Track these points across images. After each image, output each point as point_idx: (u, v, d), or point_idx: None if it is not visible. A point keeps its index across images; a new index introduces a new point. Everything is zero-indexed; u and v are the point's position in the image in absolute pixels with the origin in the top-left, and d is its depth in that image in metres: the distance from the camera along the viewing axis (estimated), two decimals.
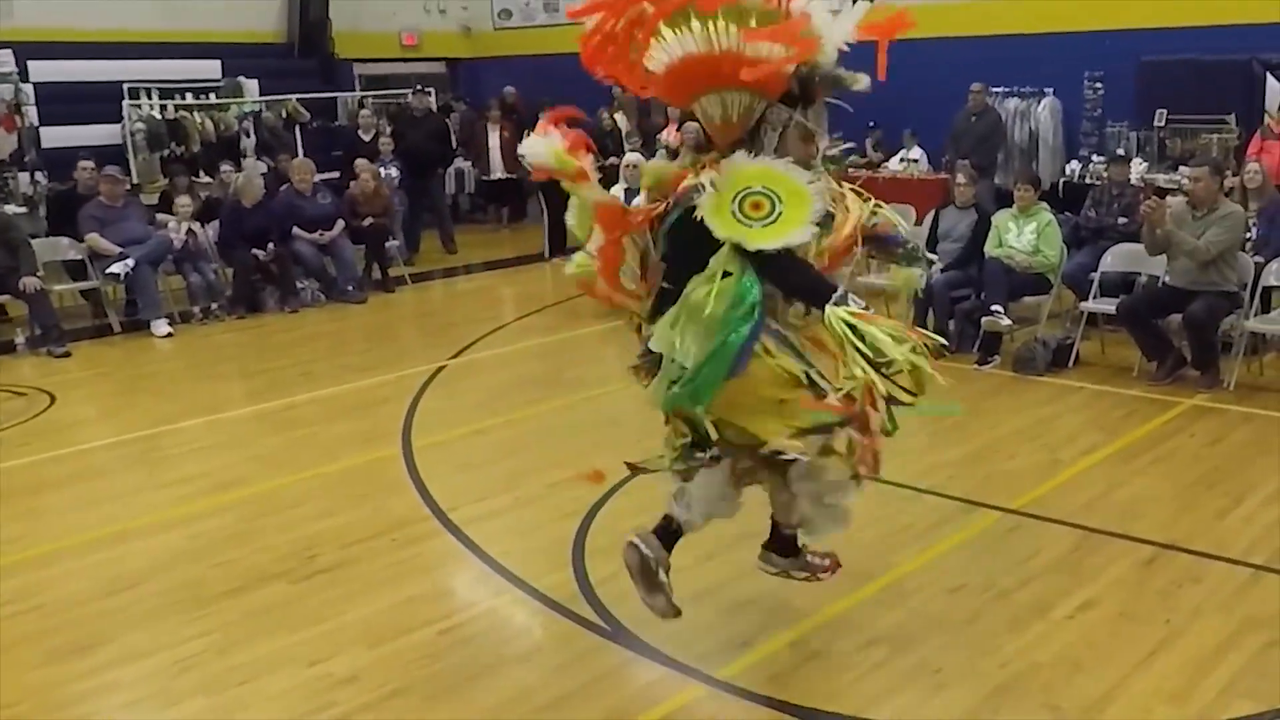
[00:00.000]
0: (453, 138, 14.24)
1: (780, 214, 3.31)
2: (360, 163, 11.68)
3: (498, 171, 14.36)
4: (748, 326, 3.31)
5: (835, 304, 3.31)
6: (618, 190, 8.48)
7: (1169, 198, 7.82)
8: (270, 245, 10.31)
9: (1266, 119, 9.97)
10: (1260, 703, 3.59)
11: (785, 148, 3.51)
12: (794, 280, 3.46)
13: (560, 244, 12.48)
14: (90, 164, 10.24)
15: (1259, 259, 7.28)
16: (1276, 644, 3.92)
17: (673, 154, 4.58)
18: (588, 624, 4.23)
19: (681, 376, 3.40)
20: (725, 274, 3.32)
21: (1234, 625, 4.06)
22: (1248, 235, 7.36)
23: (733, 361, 3.32)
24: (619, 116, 14.28)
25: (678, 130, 11.69)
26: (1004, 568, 4.59)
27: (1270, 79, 10.23)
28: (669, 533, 3.75)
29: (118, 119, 13.05)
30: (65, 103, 12.62)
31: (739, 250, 3.32)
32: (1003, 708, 3.62)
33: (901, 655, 3.91)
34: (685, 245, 3.44)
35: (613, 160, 11.71)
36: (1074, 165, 11.43)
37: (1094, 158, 11.16)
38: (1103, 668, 3.81)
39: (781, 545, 3.95)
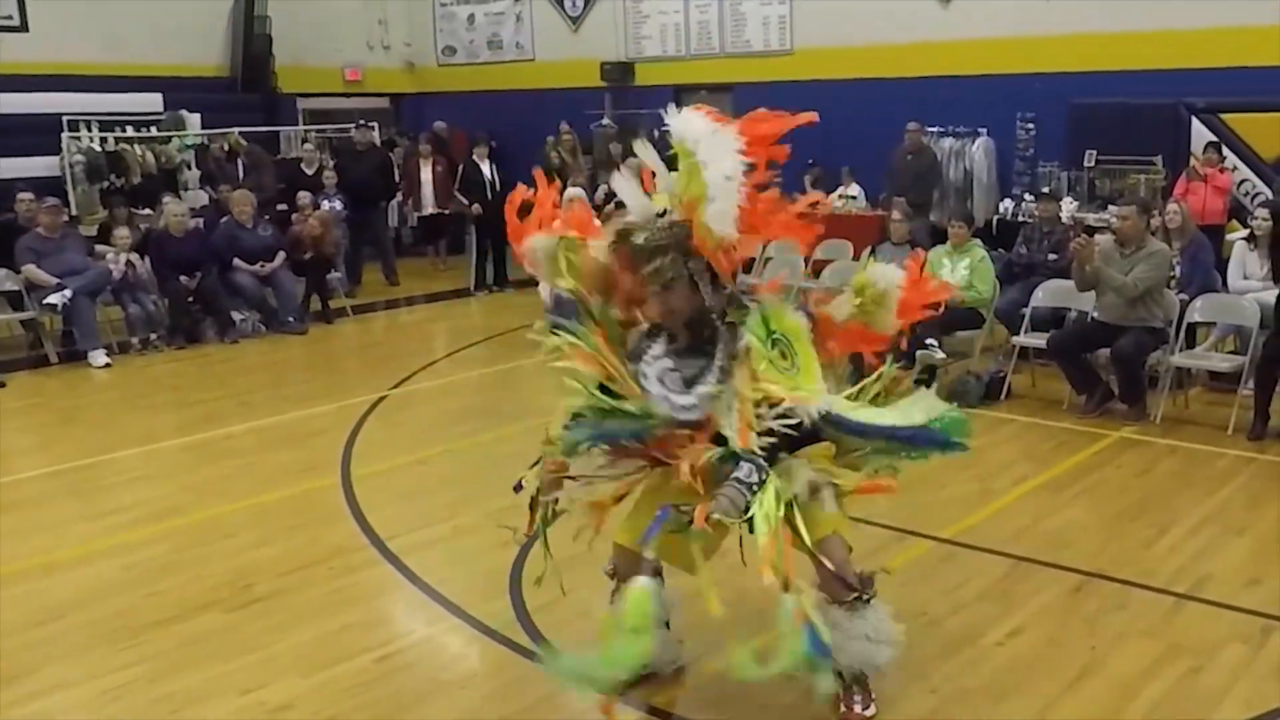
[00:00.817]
0: (395, 171, 14.24)
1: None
2: (304, 200, 11.64)
3: (429, 207, 14.23)
4: None
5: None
6: None
7: (1097, 236, 8.00)
8: (198, 275, 10.24)
9: (1192, 161, 10.26)
10: None
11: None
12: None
13: (481, 280, 12.85)
14: (29, 195, 10.16)
15: (1183, 296, 7.49)
16: (1199, 670, 4.01)
17: (610, 194, 4.56)
18: (524, 651, 4.23)
19: None
20: None
21: (1158, 652, 4.15)
22: (1172, 274, 7.57)
23: None
24: (563, 152, 14.35)
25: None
26: (935, 595, 4.66)
27: (1196, 122, 10.54)
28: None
29: (56, 151, 12.93)
30: (2, 135, 12.46)
31: None
32: None
33: None
34: None
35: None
36: (1007, 203, 11.63)
37: (1026, 196, 11.35)
38: (1030, 693, 3.88)
39: None
